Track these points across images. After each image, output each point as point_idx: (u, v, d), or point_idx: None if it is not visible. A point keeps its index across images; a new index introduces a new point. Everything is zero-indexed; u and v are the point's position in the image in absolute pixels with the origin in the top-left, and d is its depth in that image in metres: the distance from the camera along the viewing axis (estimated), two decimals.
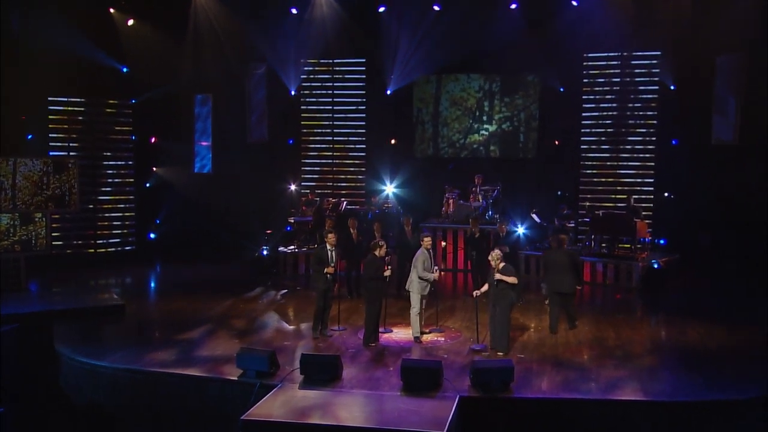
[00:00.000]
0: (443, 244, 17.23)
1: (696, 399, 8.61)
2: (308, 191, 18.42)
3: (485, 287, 10.34)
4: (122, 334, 11.48)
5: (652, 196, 17.61)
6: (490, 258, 10.28)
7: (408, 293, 13.32)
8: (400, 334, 11.25)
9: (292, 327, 11.90)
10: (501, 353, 10.09)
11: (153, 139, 18.93)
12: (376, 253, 10.80)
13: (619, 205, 17.13)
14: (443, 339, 11.03)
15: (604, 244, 16.21)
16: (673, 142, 17.38)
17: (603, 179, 18.17)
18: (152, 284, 16.29)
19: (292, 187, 19.35)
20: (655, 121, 17.65)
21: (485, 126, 19.24)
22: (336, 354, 9.50)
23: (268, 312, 13.02)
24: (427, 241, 10.79)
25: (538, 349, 10.49)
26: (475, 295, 10.43)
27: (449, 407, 8.18)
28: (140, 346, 10.59)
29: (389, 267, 10.85)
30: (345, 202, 17.74)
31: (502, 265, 10.19)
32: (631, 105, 17.88)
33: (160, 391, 9.40)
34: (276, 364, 9.36)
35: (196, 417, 9.14)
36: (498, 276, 10.06)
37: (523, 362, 9.82)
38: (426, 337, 10.98)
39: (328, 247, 10.99)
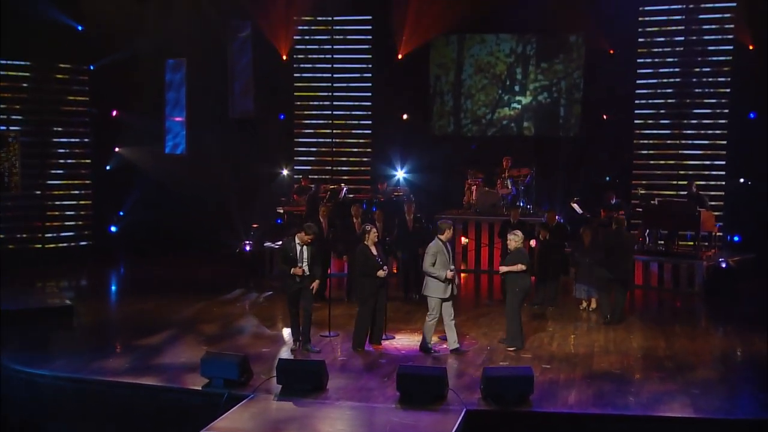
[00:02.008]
0: (464, 240, 17.33)
1: (758, 417, 8.63)
2: (301, 176, 18.60)
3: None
4: (70, 339, 11.70)
5: (723, 183, 17.57)
6: (508, 240, 10.95)
7: (418, 297, 13.54)
8: (403, 341, 11.43)
9: (273, 332, 12.08)
10: (511, 349, 10.77)
11: (115, 113, 19.20)
12: (366, 242, 10.90)
13: (681, 193, 17.10)
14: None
15: (661, 242, 16.21)
16: (751, 115, 17.34)
17: (662, 162, 18.18)
18: (111, 285, 16.59)
19: (284, 172, 19.57)
20: (728, 90, 17.60)
21: (517, 98, 19.32)
22: (321, 360, 9.63)
23: (246, 316, 13.25)
24: (447, 233, 10.72)
25: (569, 359, 10.59)
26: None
27: (453, 421, 8.29)
28: (89, 353, 10.79)
29: (383, 269, 10.84)
30: (345, 189, 17.94)
31: (516, 248, 10.83)
32: (698, 69, 17.84)
33: (108, 403, 9.58)
34: (248, 371, 9.51)
35: None
36: (503, 269, 10.81)
37: (549, 373, 9.93)
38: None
39: (297, 241, 10.82)
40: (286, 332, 11.79)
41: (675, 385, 9.62)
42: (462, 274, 16.93)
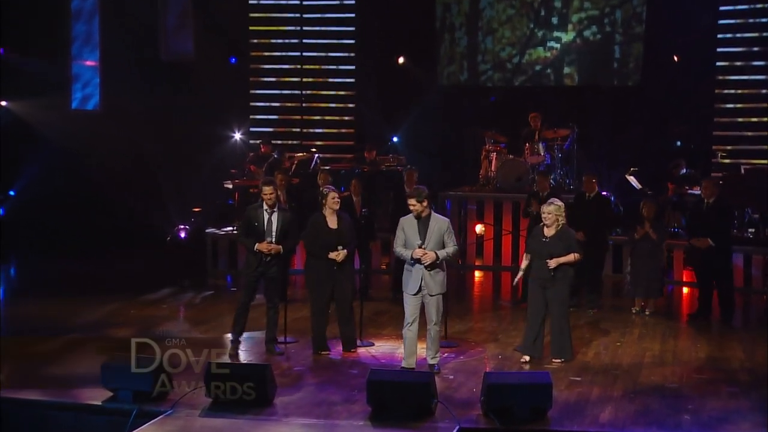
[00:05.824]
0: (479, 228, 17.41)
1: None
2: (260, 141, 18.71)
3: (524, 264, 11.10)
4: None
5: None
6: (543, 213, 10.99)
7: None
8: (383, 349, 11.65)
9: (207, 337, 12.22)
10: (558, 360, 10.99)
11: (0, 51, 19.32)
12: (323, 210, 11.16)
13: None
14: (454, 355, 11.34)
15: (751, 229, 16.27)
16: None
17: (753, 118, 18.33)
18: None
19: (236, 135, 19.68)
20: None
21: (556, 34, 19.50)
22: (264, 363, 9.78)
23: (173, 320, 13.52)
24: (413, 204, 10.46)
25: (608, 371, 10.75)
26: (514, 283, 11.71)
27: None
28: None
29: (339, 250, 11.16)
30: (317, 157, 18.10)
31: (561, 225, 10.91)
32: None
33: None
34: (167, 380, 9.64)
35: None
36: (553, 262, 10.81)
37: (578, 386, 10.07)
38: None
39: (265, 206, 11.13)
40: (228, 337, 11.92)
41: (749, 401, 9.75)
42: (477, 272, 17.12)
